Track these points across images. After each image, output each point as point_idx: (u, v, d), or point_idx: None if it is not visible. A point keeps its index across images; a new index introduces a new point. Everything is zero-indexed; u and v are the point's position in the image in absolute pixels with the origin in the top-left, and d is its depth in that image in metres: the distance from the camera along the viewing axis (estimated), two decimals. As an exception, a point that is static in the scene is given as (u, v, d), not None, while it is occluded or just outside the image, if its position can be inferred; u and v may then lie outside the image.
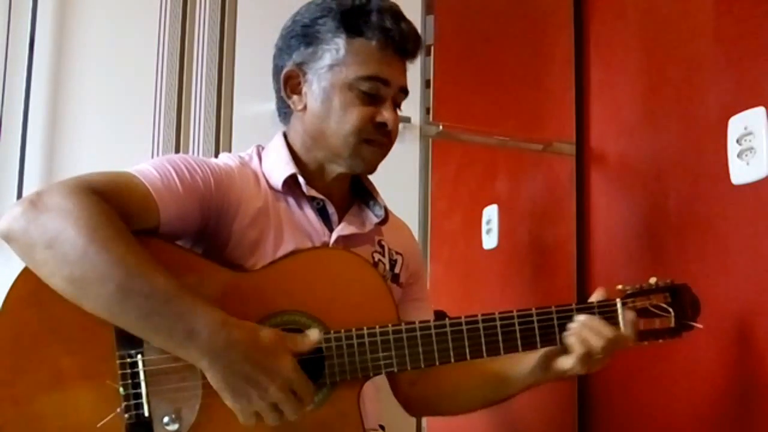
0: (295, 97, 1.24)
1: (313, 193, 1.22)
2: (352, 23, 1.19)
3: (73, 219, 0.97)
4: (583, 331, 1.11)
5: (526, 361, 1.20)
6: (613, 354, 1.13)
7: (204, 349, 0.98)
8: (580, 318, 1.12)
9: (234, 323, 1.00)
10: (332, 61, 1.20)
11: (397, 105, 1.24)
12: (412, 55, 1.25)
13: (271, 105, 1.71)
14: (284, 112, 1.29)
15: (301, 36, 1.22)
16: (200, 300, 1.00)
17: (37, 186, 1.54)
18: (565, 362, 1.14)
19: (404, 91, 1.25)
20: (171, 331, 0.98)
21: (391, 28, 1.19)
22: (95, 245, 0.96)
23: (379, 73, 1.20)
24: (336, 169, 1.25)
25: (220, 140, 1.75)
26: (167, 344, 0.99)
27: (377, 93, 1.20)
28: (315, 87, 1.21)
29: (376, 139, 1.21)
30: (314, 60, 1.21)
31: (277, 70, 1.27)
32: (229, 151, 1.71)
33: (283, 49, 1.25)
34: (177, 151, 1.70)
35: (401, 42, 1.21)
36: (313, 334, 1.06)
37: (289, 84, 1.24)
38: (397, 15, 1.21)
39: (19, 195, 1.58)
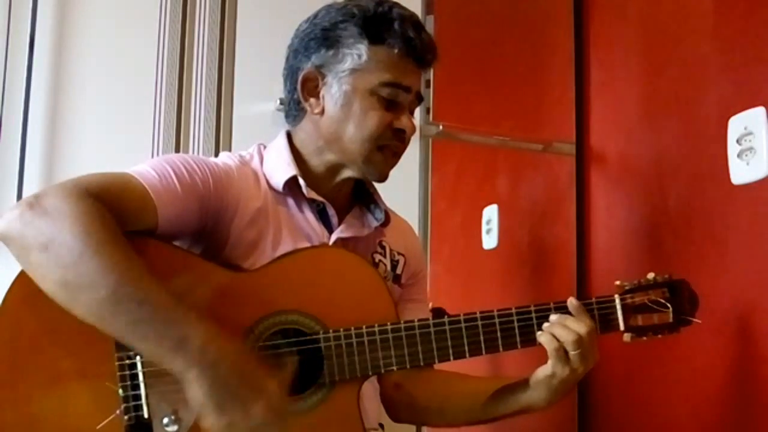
0: (312, 100, 1.23)
1: (313, 195, 1.22)
2: (374, 30, 1.19)
3: (70, 223, 0.96)
4: (553, 328, 1.13)
5: (519, 381, 1.21)
6: (592, 351, 1.13)
7: (194, 359, 0.96)
8: (552, 317, 1.14)
9: (226, 336, 0.99)
10: (354, 65, 1.19)
11: (411, 111, 1.25)
12: (428, 66, 1.26)
13: (272, 105, 1.73)
14: (294, 113, 1.27)
15: (322, 39, 1.21)
16: (194, 312, 0.99)
17: (37, 186, 1.55)
18: (546, 366, 1.15)
19: (419, 98, 1.26)
20: (161, 338, 0.96)
21: (413, 37, 1.20)
22: (90, 250, 0.95)
23: (400, 80, 1.20)
24: (347, 173, 1.24)
25: (220, 140, 1.74)
26: (155, 352, 0.97)
27: (396, 99, 1.20)
28: (335, 90, 1.20)
29: (391, 145, 1.22)
30: (335, 63, 1.20)
31: (292, 71, 1.25)
32: (229, 151, 1.70)
33: (300, 51, 1.24)
34: (177, 151, 1.70)
35: (422, 52, 1.22)
36: None
37: (306, 86, 1.23)
38: (418, 25, 1.22)
39: (19, 196, 1.58)
